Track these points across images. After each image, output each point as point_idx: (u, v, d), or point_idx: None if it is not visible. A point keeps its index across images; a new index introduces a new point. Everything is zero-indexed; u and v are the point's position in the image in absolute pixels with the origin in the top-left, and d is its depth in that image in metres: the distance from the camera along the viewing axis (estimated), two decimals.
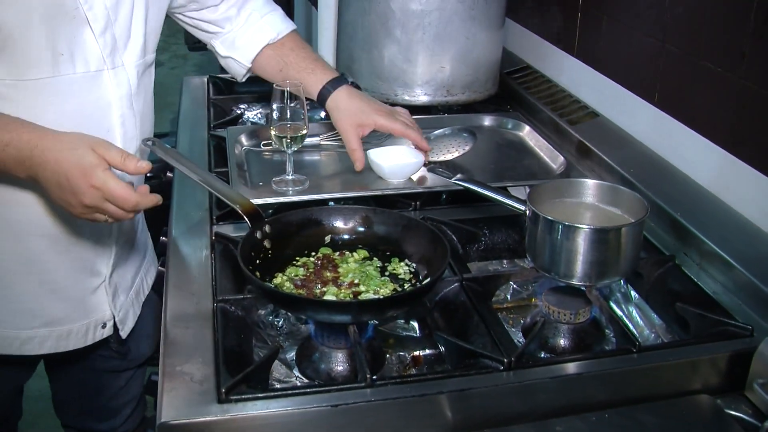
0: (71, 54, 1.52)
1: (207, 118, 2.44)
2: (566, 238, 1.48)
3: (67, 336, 1.75)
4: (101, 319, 1.79)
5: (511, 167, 2.06)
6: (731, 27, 1.73)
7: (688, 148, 1.89)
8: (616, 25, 2.19)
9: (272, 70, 2.01)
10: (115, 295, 1.80)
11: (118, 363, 2.01)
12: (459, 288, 1.57)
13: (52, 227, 1.64)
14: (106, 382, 2.06)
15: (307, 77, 1.94)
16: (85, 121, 1.56)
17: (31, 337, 1.72)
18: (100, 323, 1.79)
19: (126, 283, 1.85)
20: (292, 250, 1.60)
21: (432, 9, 2.29)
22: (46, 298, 1.70)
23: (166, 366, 1.35)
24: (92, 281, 1.74)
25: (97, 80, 1.58)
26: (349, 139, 1.91)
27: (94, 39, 1.55)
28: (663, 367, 1.40)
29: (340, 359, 1.45)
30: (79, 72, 1.54)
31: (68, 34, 1.51)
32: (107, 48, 1.57)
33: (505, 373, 1.34)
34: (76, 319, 1.75)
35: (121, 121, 1.63)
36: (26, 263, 1.65)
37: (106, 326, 1.80)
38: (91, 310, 1.77)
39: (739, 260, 1.58)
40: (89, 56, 1.55)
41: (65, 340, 1.75)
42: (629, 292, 1.70)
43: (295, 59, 1.98)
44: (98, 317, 1.78)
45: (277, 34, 1.99)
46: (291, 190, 1.87)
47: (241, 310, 1.51)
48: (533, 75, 2.62)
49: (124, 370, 2.05)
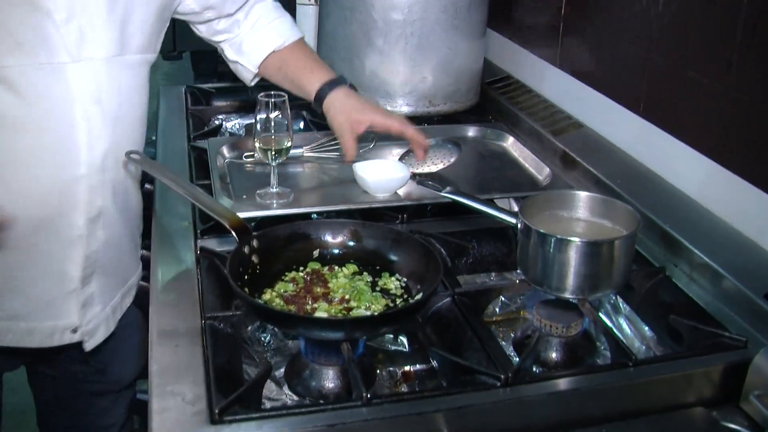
0: (33, 44, 1.48)
1: (186, 129, 2.41)
2: (558, 252, 1.47)
3: (31, 333, 1.70)
4: (71, 324, 1.73)
5: (497, 179, 2.05)
6: (718, 37, 1.73)
7: (675, 159, 1.88)
8: (599, 34, 2.18)
9: (274, 72, 2.04)
10: (87, 305, 1.74)
11: (100, 386, 1.97)
12: (451, 302, 1.54)
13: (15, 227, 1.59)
14: (92, 402, 2.01)
15: (305, 76, 1.98)
16: (47, 113, 1.53)
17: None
18: (70, 327, 1.73)
19: (103, 295, 1.79)
20: (280, 265, 1.57)
21: (414, 19, 2.28)
22: (11, 293, 1.66)
23: (155, 386, 1.32)
24: (63, 286, 1.69)
25: (61, 72, 1.53)
26: (344, 134, 1.94)
27: (56, 29, 1.50)
28: (659, 380, 1.38)
29: (332, 376, 1.42)
30: (42, 62, 1.50)
31: (29, 23, 1.47)
32: (71, 39, 1.53)
33: (502, 389, 1.32)
34: (41, 319, 1.70)
35: (85, 116, 1.57)
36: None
37: (77, 332, 1.75)
38: (59, 313, 1.71)
39: (729, 271, 1.58)
40: (51, 47, 1.51)
41: (29, 337, 1.71)
42: (619, 304, 1.69)
43: (295, 60, 2.00)
44: (68, 321, 1.73)
45: (283, 41, 2.00)
46: (275, 203, 1.84)
47: (230, 327, 1.48)
48: (515, 85, 2.61)
49: (106, 392, 2.01)
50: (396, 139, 2.06)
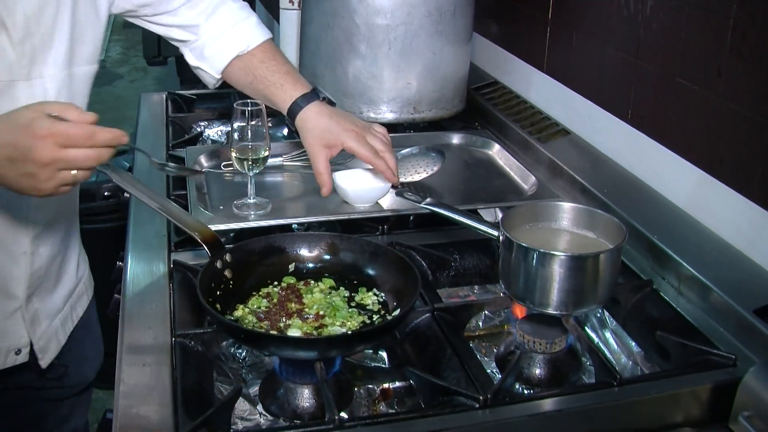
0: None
1: (165, 137, 2.36)
2: (541, 266, 1.43)
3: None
4: (15, 345, 1.69)
5: (482, 188, 2.01)
6: (707, 44, 1.69)
7: (663, 168, 1.84)
8: (586, 39, 2.14)
9: (243, 83, 1.91)
10: (35, 322, 1.70)
11: (57, 391, 1.91)
12: (430, 318, 1.50)
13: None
14: (48, 410, 1.96)
15: (276, 93, 1.84)
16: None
17: None
18: (14, 349, 1.69)
19: (50, 310, 1.75)
20: (254, 280, 1.53)
21: (398, 24, 2.23)
22: None
23: (120, 408, 1.27)
24: (6, 304, 1.65)
25: (10, 91, 1.49)
26: (316, 161, 1.79)
27: (10, 47, 1.46)
28: (645, 400, 1.34)
29: (306, 395, 1.37)
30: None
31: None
32: (24, 58, 1.48)
33: (481, 411, 1.28)
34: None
35: None
36: None
37: (21, 353, 1.70)
38: (4, 334, 1.67)
39: (718, 284, 1.54)
40: (3, 65, 1.46)
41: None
42: (605, 318, 1.65)
43: (264, 72, 1.86)
44: (12, 343, 1.68)
45: (247, 45, 1.87)
46: (253, 214, 1.80)
47: (201, 344, 1.43)
48: (501, 91, 2.57)
49: (65, 398, 1.95)
50: None
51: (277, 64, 1.87)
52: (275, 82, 1.85)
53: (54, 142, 1.24)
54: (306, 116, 1.81)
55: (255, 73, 1.87)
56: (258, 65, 1.87)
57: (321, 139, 1.79)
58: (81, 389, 1.98)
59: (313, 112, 1.81)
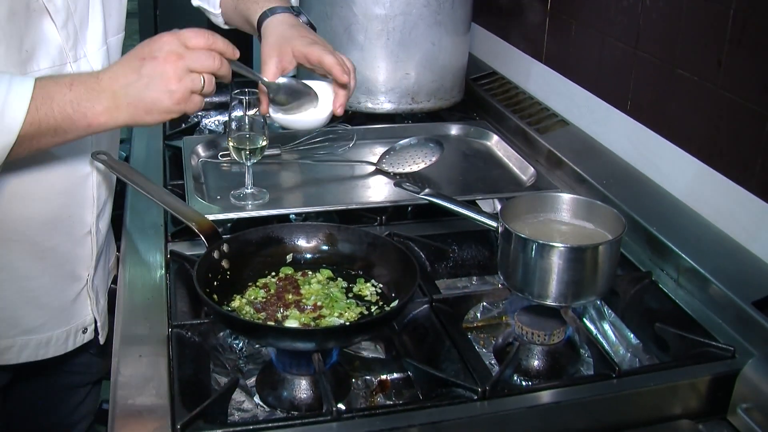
0: (33, 51, 1.43)
1: (162, 126, 2.35)
2: (540, 257, 1.42)
3: (47, 343, 1.67)
4: (82, 324, 1.71)
5: (480, 179, 2.00)
6: (707, 34, 1.68)
7: (662, 159, 1.83)
8: (586, 30, 2.13)
9: (231, 13, 1.84)
10: (97, 299, 1.73)
11: (82, 378, 1.92)
12: (428, 310, 1.49)
13: (29, 233, 1.55)
14: (63, 398, 1.96)
15: (250, 7, 1.75)
16: None
17: (9, 345, 1.63)
18: (81, 328, 1.72)
19: (104, 284, 1.78)
20: (251, 271, 1.52)
21: (396, 14, 2.22)
22: (26, 307, 1.62)
23: (117, 399, 1.26)
24: (74, 287, 1.67)
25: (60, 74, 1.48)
26: (266, 60, 1.63)
27: (56, 32, 1.46)
28: (643, 392, 1.33)
29: (304, 387, 1.37)
30: (43, 68, 1.45)
31: (31, 30, 1.42)
32: (69, 40, 1.49)
33: (480, 403, 1.27)
34: (56, 326, 1.67)
35: None
36: (2, 270, 1.57)
37: (87, 331, 1.73)
38: (72, 316, 1.69)
39: (717, 276, 1.53)
40: (52, 51, 1.47)
41: (45, 348, 1.67)
42: (603, 309, 1.64)
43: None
44: (79, 322, 1.71)
45: None
46: (250, 204, 1.79)
47: (197, 335, 1.42)
48: (500, 81, 2.56)
49: (85, 384, 1.96)
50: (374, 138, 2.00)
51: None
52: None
53: (178, 41, 1.32)
54: (269, 24, 1.69)
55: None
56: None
57: (274, 47, 1.64)
58: (101, 376, 1.99)
59: (277, 20, 1.69)
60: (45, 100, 1.28)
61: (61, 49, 1.48)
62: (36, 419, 1.99)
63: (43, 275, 1.61)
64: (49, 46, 1.46)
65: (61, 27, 1.47)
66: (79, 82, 1.31)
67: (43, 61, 1.45)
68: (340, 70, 1.61)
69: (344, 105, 1.68)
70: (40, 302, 1.63)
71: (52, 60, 1.47)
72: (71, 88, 1.30)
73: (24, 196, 1.52)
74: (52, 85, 1.30)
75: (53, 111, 1.29)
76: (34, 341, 1.66)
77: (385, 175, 1.98)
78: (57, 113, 1.29)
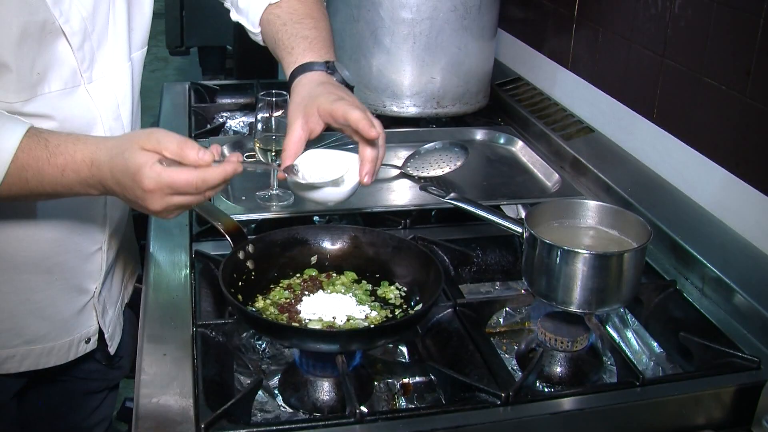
0: (45, 73, 1.41)
1: (188, 127, 2.36)
2: (565, 264, 1.41)
3: (49, 353, 1.67)
4: (86, 335, 1.71)
5: (504, 184, 2.00)
6: (736, 43, 1.67)
7: (688, 168, 1.82)
8: (612, 37, 2.12)
9: (271, 47, 1.73)
10: (104, 311, 1.73)
11: (98, 384, 1.93)
12: (452, 314, 1.49)
13: (36, 248, 1.55)
14: (81, 402, 1.97)
15: (285, 57, 1.63)
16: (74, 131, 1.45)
17: (10, 355, 1.63)
18: (84, 338, 1.71)
19: (113, 297, 1.77)
20: (276, 271, 1.52)
21: (423, 18, 2.22)
22: (30, 317, 1.61)
23: (141, 397, 1.27)
24: (80, 299, 1.66)
25: (75, 97, 1.47)
26: (291, 124, 1.49)
27: (71, 54, 1.44)
28: (667, 401, 1.33)
29: (327, 389, 1.37)
30: (54, 90, 1.43)
31: (44, 52, 1.39)
32: (84, 62, 1.46)
33: (502, 408, 1.27)
34: (59, 336, 1.67)
35: (110, 135, 1.52)
36: (8, 283, 1.57)
37: (90, 341, 1.72)
38: (75, 327, 1.69)
39: (742, 286, 1.53)
40: (65, 73, 1.44)
41: (46, 357, 1.67)
42: (627, 318, 1.63)
43: (282, 36, 1.66)
44: (83, 333, 1.70)
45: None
46: (275, 205, 1.80)
47: (222, 335, 1.43)
48: (525, 87, 2.56)
49: (102, 390, 1.97)
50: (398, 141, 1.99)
51: (300, 28, 1.66)
52: (287, 46, 1.64)
53: (163, 192, 1.24)
54: (298, 83, 1.56)
55: (275, 37, 1.69)
56: (280, 28, 1.68)
57: (300, 107, 1.50)
58: (116, 382, 1.99)
59: (307, 79, 1.56)
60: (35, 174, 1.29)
61: (75, 70, 1.46)
62: (52, 423, 1.99)
63: (49, 288, 1.61)
64: (62, 68, 1.44)
65: (77, 48, 1.44)
66: (72, 171, 1.28)
67: (55, 83, 1.43)
68: (368, 124, 1.40)
69: (372, 173, 1.45)
70: (45, 314, 1.63)
71: (64, 82, 1.45)
72: (63, 174, 1.28)
73: (32, 213, 1.52)
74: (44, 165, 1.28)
75: (44, 188, 1.30)
76: (37, 351, 1.65)
77: (410, 179, 1.99)
78: (49, 189, 1.31)
